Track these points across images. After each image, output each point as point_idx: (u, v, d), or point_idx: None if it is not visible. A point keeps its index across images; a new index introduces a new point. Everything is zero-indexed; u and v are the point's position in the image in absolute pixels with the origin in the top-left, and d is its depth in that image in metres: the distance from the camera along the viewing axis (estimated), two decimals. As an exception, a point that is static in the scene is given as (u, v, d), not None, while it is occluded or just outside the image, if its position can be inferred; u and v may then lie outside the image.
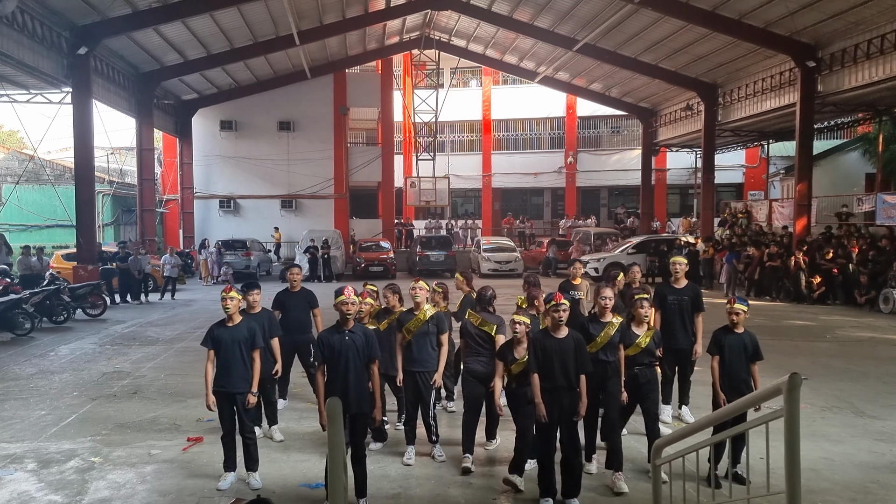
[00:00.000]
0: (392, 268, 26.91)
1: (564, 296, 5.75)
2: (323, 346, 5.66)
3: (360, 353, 5.61)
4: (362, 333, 5.72)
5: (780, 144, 31.11)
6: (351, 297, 5.66)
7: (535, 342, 5.62)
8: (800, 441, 3.12)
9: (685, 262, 8.00)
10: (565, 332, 5.60)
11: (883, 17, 17.51)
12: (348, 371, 5.57)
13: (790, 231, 21.89)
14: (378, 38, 31.42)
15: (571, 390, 5.55)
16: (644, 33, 23.41)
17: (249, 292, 7.06)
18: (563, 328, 5.61)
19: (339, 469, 3.05)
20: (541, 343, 5.58)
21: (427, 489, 6.07)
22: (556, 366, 5.48)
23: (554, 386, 5.49)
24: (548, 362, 5.48)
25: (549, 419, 5.48)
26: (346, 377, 5.56)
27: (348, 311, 5.64)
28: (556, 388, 5.50)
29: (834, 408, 8.42)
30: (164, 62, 25.38)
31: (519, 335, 5.80)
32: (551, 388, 5.49)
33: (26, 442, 7.35)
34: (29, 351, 12.65)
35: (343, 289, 5.72)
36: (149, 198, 26.39)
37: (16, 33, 16.95)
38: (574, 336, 5.65)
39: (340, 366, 5.57)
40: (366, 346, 5.65)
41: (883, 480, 6.16)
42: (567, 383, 5.52)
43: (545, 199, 40.27)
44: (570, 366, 5.52)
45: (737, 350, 6.15)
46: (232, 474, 6.13)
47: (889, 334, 13.87)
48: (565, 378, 5.50)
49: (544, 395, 5.47)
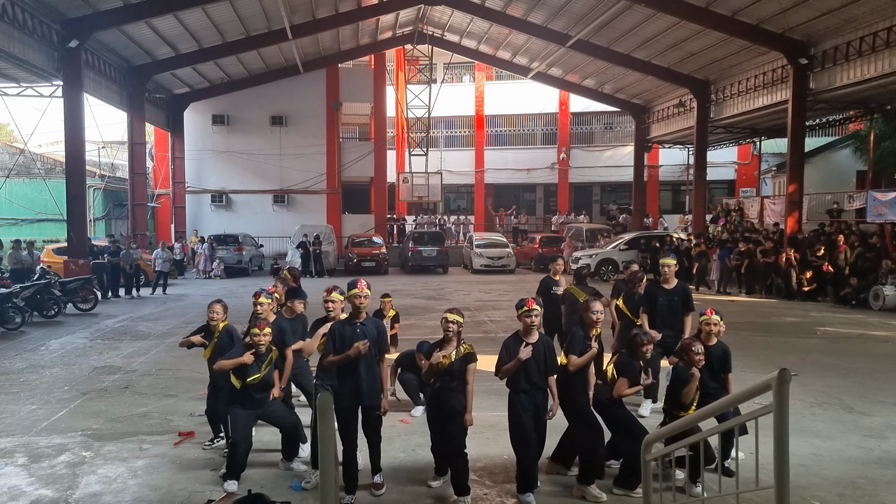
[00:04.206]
0: (384, 263, 26.91)
1: (536, 301, 5.78)
2: (335, 337, 5.72)
3: (371, 346, 5.70)
4: (374, 326, 5.83)
5: (772, 141, 31.21)
6: (364, 290, 5.77)
7: (508, 346, 5.71)
8: (789, 437, 3.14)
9: (674, 264, 8.11)
10: (536, 336, 5.73)
11: (875, 14, 17.57)
12: (360, 363, 5.65)
13: (781, 228, 21.99)
14: (371, 33, 31.35)
15: (544, 390, 5.72)
16: (637, 29, 23.44)
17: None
18: (534, 332, 5.72)
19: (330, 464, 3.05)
20: (513, 347, 5.68)
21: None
22: (530, 368, 5.61)
23: (528, 388, 5.64)
24: (522, 365, 5.59)
25: (526, 418, 5.62)
26: (358, 369, 5.67)
27: (361, 303, 5.74)
28: (531, 390, 5.65)
29: (823, 404, 8.47)
30: (156, 56, 25.26)
31: (450, 334, 5.73)
32: (527, 390, 5.64)
33: (17, 436, 7.33)
34: (19, 345, 12.60)
35: (356, 282, 5.83)
36: (140, 192, 26.28)
37: (6, 25, 16.83)
38: (544, 339, 5.80)
39: (353, 358, 5.64)
40: (377, 339, 5.77)
41: (871, 476, 6.20)
42: (540, 384, 5.69)
43: (538, 196, 40.30)
44: (541, 367, 5.67)
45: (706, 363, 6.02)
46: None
47: (879, 331, 13.96)
48: (540, 379, 5.67)
49: (521, 396, 5.65)
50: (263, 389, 6.09)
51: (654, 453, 4.72)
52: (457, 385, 5.68)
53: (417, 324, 14.04)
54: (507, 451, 5.91)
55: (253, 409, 6.06)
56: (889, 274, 16.73)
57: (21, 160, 25.89)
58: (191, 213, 31.71)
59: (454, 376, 5.67)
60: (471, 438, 5.92)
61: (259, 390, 6.05)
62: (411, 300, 18.42)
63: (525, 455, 5.64)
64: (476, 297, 19.24)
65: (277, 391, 6.25)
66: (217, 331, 6.83)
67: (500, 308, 16.76)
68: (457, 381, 5.68)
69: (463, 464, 5.69)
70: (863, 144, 27.73)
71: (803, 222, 21.56)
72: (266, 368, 6.03)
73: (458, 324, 5.75)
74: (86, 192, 21.66)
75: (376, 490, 5.89)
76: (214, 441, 7.01)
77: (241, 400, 6.01)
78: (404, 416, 7.78)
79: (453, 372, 5.66)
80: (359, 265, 26.05)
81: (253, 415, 6.08)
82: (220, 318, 6.87)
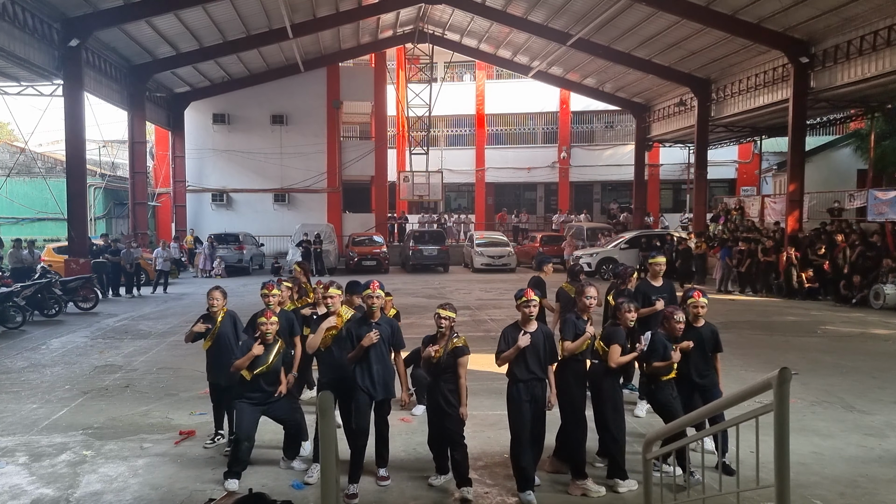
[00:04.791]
0: (385, 262, 26.92)
1: (535, 292, 5.87)
2: (352, 336, 5.96)
3: (385, 343, 5.97)
4: (388, 325, 6.07)
5: (773, 140, 31.19)
6: (376, 290, 5.98)
7: (507, 335, 5.80)
8: (789, 435, 3.14)
9: (664, 262, 8.49)
10: (535, 326, 5.81)
11: (876, 13, 17.56)
12: (373, 360, 5.90)
13: (782, 227, 21.99)
14: (372, 32, 31.34)
15: (542, 381, 5.79)
16: (638, 28, 23.42)
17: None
18: (533, 322, 5.81)
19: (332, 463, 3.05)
20: (511, 336, 5.76)
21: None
22: (529, 357, 5.69)
23: (528, 377, 5.70)
24: (521, 354, 5.68)
25: (524, 408, 5.68)
26: (371, 367, 5.90)
27: (374, 304, 5.96)
28: (530, 380, 5.71)
29: (824, 402, 8.47)
30: (157, 55, 25.26)
31: (443, 330, 5.83)
32: (526, 379, 5.70)
33: (18, 435, 7.34)
34: (20, 344, 12.60)
35: (370, 283, 6.02)
36: (141, 191, 26.28)
37: (6, 24, 16.83)
38: (543, 329, 5.88)
39: (367, 355, 5.88)
40: (391, 336, 6.03)
41: (871, 474, 6.20)
42: (539, 374, 5.75)
43: (538, 194, 40.29)
44: (540, 357, 5.75)
45: (698, 344, 6.21)
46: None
47: (879, 329, 13.95)
48: (539, 369, 5.74)
49: (519, 385, 5.70)
50: (271, 382, 6.14)
51: (655, 452, 4.73)
52: (449, 377, 5.77)
53: (418, 322, 14.03)
54: (507, 450, 5.91)
55: (259, 403, 6.09)
56: (889, 273, 16.72)
57: (22, 159, 25.88)
58: (191, 212, 31.72)
59: (444, 370, 5.76)
60: (472, 438, 5.94)
61: (268, 382, 6.11)
62: (412, 299, 18.41)
63: (517, 444, 5.70)
64: (477, 296, 19.24)
65: (285, 388, 6.28)
66: (218, 318, 6.83)
67: (500, 307, 16.75)
68: (449, 374, 5.77)
69: (463, 455, 5.76)
70: (863, 143, 27.70)
71: (804, 221, 21.55)
72: (274, 359, 6.11)
73: (451, 319, 5.86)
74: (86, 191, 21.67)
75: (381, 481, 6.02)
76: (216, 439, 7.01)
77: (250, 392, 6.06)
78: (405, 415, 7.79)
79: (442, 366, 5.76)
80: (359, 264, 26.05)
81: (258, 411, 6.11)
82: (220, 304, 6.89)
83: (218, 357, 6.76)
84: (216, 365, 6.80)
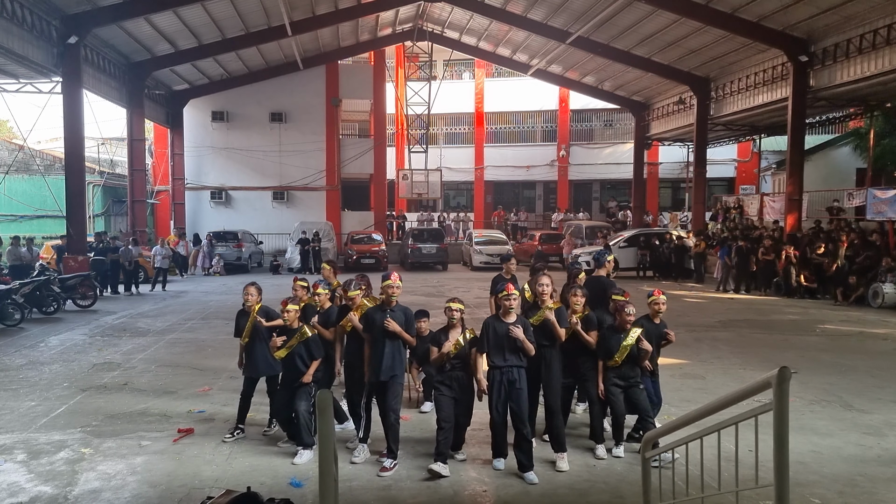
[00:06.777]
0: (384, 260, 26.91)
1: (515, 286, 6.53)
2: (368, 320, 6.51)
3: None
4: (402, 312, 6.52)
5: (772, 139, 31.20)
6: (396, 281, 6.53)
7: (488, 326, 6.20)
8: (789, 434, 3.14)
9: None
10: (514, 318, 6.23)
11: (875, 12, 17.56)
12: (385, 344, 6.36)
13: (781, 226, 21.99)
14: (371, 30, 31.29)
15: (520, 367, 6.17)
16: (637, 26, 23.41)
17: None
18: (512, 314, 6.24)
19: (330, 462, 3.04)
20: (493, 326, 6.18)
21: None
22: (506, 346, 6.10)
23: (505, 364, 6.11)
24: (499, 343, 6.11)
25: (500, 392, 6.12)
26: (383, 349, 6.36)
27: (393, 293, 6.47)
28: (508, 367, 6.12)
29: (823, 401, 8.48)
30: (156, 52, 25.21)
31: (455, 321, 6.35)
32: (504, 367, 6.12)
33: (16, 433, 7.32)
34: (18, 342, 12.59)
35: (389, 274, 6.57)
36: (139, 188, 26.23)
37: (5, 21, 16.78)
38: (521, 320, 6.30)
39: (379, 339, 6.38)
40: (404, 325, 6.44)
41: (870, 473, 6.21)
42: (516, 361, 6.15)
43: (537, 193, 40.28)
44: (517, 346, 6.13)
45: (655, 339, 6.92)
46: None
47: (878, 328, 13.96)
48: (516, 356, 6.14)
49: (496, 373, 6.12)
50: (289, 367, 6.74)
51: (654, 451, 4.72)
52: (459, 364, 6.33)
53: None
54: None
55: (285, 386, 6.78)
56: (888, 272, 16.73)
57: (20, 156, 25.84)
58: (190, 209, 31.65)
59: (464, 359, 6.32)
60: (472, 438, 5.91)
61: (286, 366, 6.78)
62: (411, 297, 18.37)
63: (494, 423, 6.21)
64: (475, 294, 19.23)
65: (308, 377, 6.62)
66: (254, 312, 7.11)
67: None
68: (459, 362, 6.33)
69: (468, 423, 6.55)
70: (863, 142, 27.71)
71: (803, 220, 21.57)
72: (290, 345, 6.66)
73: (461, 311, 6.40)
74: (85, 188, 21.60)
75: (381, 472, 6.16)
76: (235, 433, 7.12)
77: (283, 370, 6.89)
78: (405, 413, 7.78)
79: (463, 356, 6.32)
80: (358, 262, 26.01)
81: (286, 393, 6.74)
82: (255, 300, 7.17)
83: (252, 351, 7.11)
84: (251, 358, 7.14)
